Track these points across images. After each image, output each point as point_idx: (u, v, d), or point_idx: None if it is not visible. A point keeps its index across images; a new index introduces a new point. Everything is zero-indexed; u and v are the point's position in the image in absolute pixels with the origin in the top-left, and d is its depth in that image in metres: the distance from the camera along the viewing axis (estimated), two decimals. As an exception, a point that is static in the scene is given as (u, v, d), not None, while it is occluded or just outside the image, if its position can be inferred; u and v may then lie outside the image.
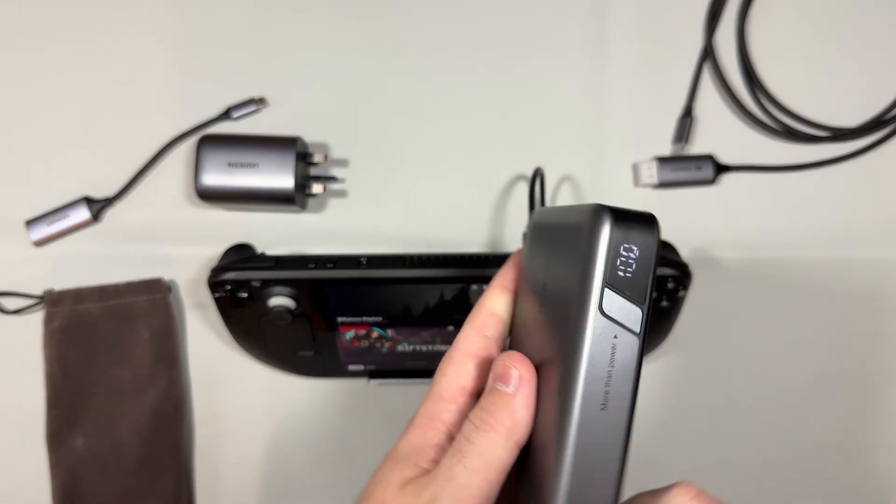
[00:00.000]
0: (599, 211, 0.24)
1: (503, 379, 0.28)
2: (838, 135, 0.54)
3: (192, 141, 0.53)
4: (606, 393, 0.24)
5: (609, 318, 0.24)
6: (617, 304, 0.24)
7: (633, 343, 0.24)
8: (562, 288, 0.26)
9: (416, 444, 0.29)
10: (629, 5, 0.55)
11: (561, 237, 0.27)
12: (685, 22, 0.56)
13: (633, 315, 0.24)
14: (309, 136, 0.53)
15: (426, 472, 0.28)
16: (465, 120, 0.55)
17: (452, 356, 0.30)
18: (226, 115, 0.54)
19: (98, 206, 0.53)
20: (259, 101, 0.54)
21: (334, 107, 0.54)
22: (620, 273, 0.24)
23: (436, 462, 0.28)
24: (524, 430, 0.27)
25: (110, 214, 0.53)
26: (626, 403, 0.24)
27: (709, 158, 0.53)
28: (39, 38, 0.55)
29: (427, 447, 0.29)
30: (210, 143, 0.50)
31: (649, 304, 0.24)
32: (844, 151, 0.54)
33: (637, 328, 0.24)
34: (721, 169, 0.54)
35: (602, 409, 0.24)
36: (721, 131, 0.55)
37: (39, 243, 0.53)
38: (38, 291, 0.51)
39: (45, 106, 0.54)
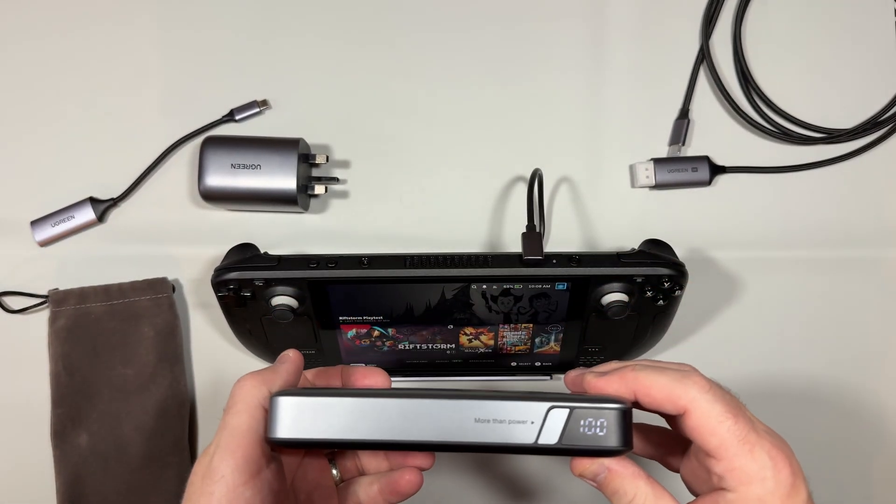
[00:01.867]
0: None
1: (279, 359, 0.35)
2: (833, 136, 0.55)
3: (196, 143, 0.54)
4: None
5: None
6: None
7: None
8: None
9: None
10: (626, 9, 0.56)
11: None
12: (682, 25, 0.56)
13: None
14: (311, 137, 0.54)
15: None
16: (465, 122, 0.55)
17: None
18: (229, 117, 0.54)
19: (103, 207, 0.53)
20: (262, 104, 0.54)
21: (336, 109, 0.55)
22: None
23: None
24: (283, 380, 0.34)
25: (115, 215, 0.54)
26: None
27: (705, 160, 0.54)
28: (45, 41, 0.55)
29: None
30: (213, 144, 0.51)
31: None
32: (839, 153, 0.55)
33: None
34: (717, 170, 0.54)
35: None
36: (717, 133, 0.55)
37: (44, 243, 0.53)
38: (43, 291, 0.52)
39: (50, 107, 0.55)
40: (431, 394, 0.32)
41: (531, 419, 0.31)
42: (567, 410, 0.31)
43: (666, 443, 0.38)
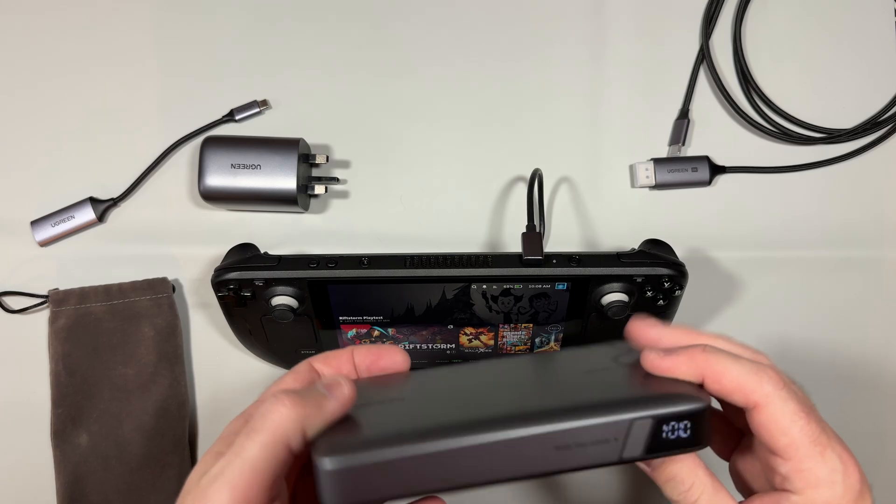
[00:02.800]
0: None
1: (329, 389, 0.29)
2: (833, 136, 0.55)
3: (196, 142, 0.54)
4: None
5: None
6: None
7: None
8: None
9: (223, 435, 0.29)
10: (626, 8, 0.56)
11: None
12: (681, 25, 0.56)
13: None
14: (311, 137, 0.54)
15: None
16: (465, 122, 0.55)
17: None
18: (229, 116, 0.54)
19: (103, 207, 0.53)
20: (262, 104, 0.54)
21: (336, 109, 0.55)
22: None
23: None
24: (324, 421, 0.28)
25: (115, 215, 0.54)
26: None
27: (705, 160, 0.54)
28: (46, 41, 0.56)
29: (226, 437, 0.29)
30: (213, 144, 0.51)
31: None
32: (839, 153, 0.55)
33: None
34: (717, 170, 0.54)
35: None
36: (717, 133, 0.55)
37: (44, 243, 0.53)
38: (43, 291, 0.52)
39: (50, 107, 0.55)
40: (504, 423, 0.28)
41: (614, 437, 0.29)
42: (650, 421, 0.29)
43: (719, 428, 0.36)
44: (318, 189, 0.53)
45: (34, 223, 0.53)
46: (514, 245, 0.53)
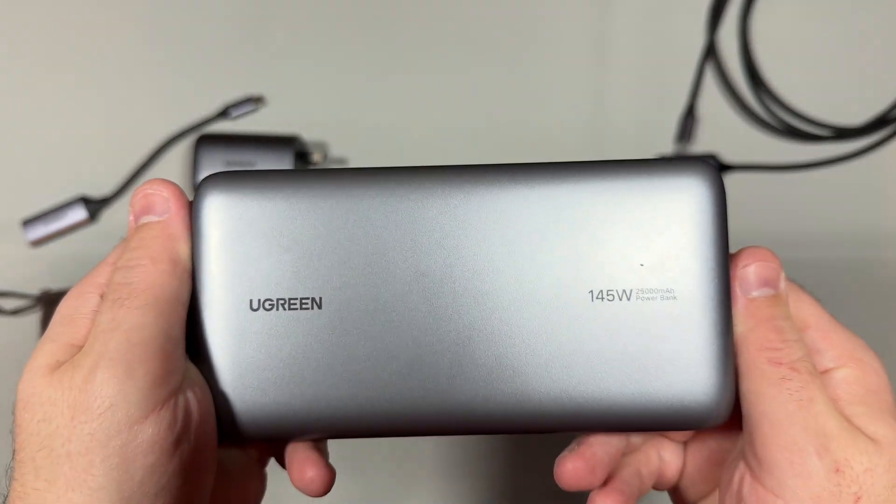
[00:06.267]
0: None
1: (150, 210, 0.25)
2: (842, 134, 0.54)
3: (190, 140, 0.53)
4: None
5: None
6: None
7: None
8: None
9: (64, 317, 0.24)
10: (631, 3, 0.55)
11: None
12: (687, 20, 0.56)
13: None
14: (307, 134, 0.53)
15: (80, 348, 0.23)
16: (465, 118, 0.54)
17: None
18: (223, 113, 0.53)
19: (95, 206, 0.52)
20: (257, 100, 0.54)
21: (333, 105, 0.54)
22: None
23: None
24: (185, 247, 0.24)
25: (108, 214, 0.53)
26: None
27: (711, 158, 0.53)
28: (35, 37, 0.55)
29: (77, 317, 0.24)
30: (208, 142, 0.50)
31: None
32: (848, 150, 0.54)
33: None
34: (723, 168, 0.54)
35: None
36: (724, 130, 0.54)
37: (36, 243, 0.52)
38: (35, 292, 0.51)
39: (41, 105, 0.54)
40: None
41: None
42: None
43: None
44: (315, 188, 0.52)
45: (26, 223, 0.52)
46: (516, 245, 0.52)
